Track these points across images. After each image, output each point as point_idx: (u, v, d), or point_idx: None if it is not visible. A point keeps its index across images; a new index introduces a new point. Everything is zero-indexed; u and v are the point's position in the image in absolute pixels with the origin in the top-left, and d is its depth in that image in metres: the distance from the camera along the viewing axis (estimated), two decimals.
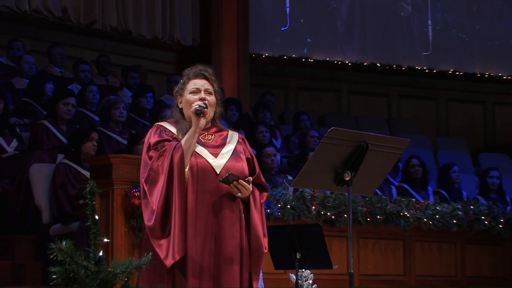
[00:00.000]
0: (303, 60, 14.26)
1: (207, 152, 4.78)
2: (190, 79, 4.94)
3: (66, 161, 8.10)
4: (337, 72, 14.51)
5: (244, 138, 5.07)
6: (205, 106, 4.75)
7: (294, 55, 14.23)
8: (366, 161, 4.76)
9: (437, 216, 9.10)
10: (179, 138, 4.80)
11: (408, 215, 8.88)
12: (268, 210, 7.80)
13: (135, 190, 7.18)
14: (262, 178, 4.90)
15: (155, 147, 4.76)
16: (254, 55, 13.76)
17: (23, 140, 9.05)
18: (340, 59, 14.52)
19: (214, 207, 4.71)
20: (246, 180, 4.66)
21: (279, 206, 7.98)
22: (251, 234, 4.81)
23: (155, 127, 4.89)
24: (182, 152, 4.67)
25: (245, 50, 13.46)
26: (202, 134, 4.87)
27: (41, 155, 8.55)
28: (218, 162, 4.77)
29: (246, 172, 4.81)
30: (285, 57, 14.17)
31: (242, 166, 4.82)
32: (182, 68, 13.12)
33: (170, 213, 4.64)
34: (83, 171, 8.01)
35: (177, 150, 4.67)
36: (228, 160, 4.79)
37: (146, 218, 4.65)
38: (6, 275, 7.71)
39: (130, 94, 11.30)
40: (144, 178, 4.70)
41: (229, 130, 5.02)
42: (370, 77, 14.70)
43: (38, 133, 8.95)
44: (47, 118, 9.16)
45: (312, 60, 14.31)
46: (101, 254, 3.17)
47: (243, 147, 4.94)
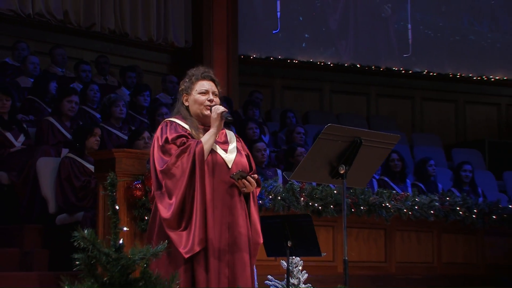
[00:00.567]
0: (288, 61, 14.27)
1: (219, 148, 4.81)
2: (198, 80, 4.97)
3: (71, 155, 8.09)
4: (319, 72, 14.53)
5: (238, 136, 5.11)
6: (227, 111, 4.83)
7: (279, 57, 14.23)
8: (359, 155, 4.78)
9: (416, 207, 9.11)
10: (192, 133, 4.81)
11: (389, 206, 8.89)
12: (260, 201, 7.80)
13: (137, 182, 7.19)
14: (256, 174, 4.95)
15: (174, 142, 4.75)
16: (242, 57, 13.77)
17: (30, 135, 9.03)
18: (322, 61, 14.51)
19: (227, 199, 4.74)
20: (252, 176, 4.70)
21: (270, 197, 7.98)
22: (251, 226, 4.85)
23: (168, 123, 4.89)
24: (203, 149, 4.69)
25: (234, 52, 13.48)
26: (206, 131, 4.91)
27: (47, 150, 8.54)
28: (229, 157, 4.81)
29: (248, 167, 4.87)
30: (271, 58, 14.17)
31: (245, 161, 4.87)
32: (175, 68, 13.29)
33: (187, 205, 4.64)
34: (87, 165, 8.01)
35: (199, 148, 4.70)
36: (235, 155, 4.83)
37: (162, 210, 4.62)
38: (15, 262, 7.70)
39: (127, 92, 11.30)
40: (162, 170, 4.67)
41: (225, 129, 5.05)
42: (350, 77, 14.73)
43: (43, 128, 8.93)
44: (52, 115, 9.15)
45: (296, 61, 14.32)
46: (121, 241, 3.16)
47: (242, 145, 4.99)
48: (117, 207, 3.20)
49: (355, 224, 8.80)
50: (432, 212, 9.25)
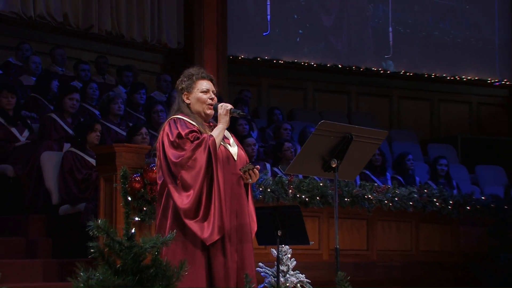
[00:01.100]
0: (274, 61, 14.26)
1: (224, 141, 4.86)
2: (198, 79, 4.99)
3: (73, 149, 8.08)
4: (304, 72, 14.53)
5: (231, 132, 5.15)
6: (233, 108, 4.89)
7: (266, 57, 14.22)
8: (350, 150, 4.81)
9: (396, 198, 9.15)
10: (200, 129, 4.83)
11: (371, 198, 8.93)
12: None
13: (136, 175, 7.18)
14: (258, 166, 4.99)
15: (187, 136, 4.76)
16: (231, 57, 13.73)
17: (34, 130, 9.02)
18: (306, 61, 14.51)
19: (235, 189, 4.80)
20: (256, 168, 4.74)
21: (261, 189, 8.00)
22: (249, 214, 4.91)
23: (175, 119, 4.89)
24: (216, 143, 4.73)
25: (223, 53, 13.47)
26: (211, 127, 4.94)
27: (50, 144, 8.51)
28: (234, 150, 4.85)
29: (247, 159, 4.92)
30: (258, 59, 14.16)
31: (244, 154, 4.93)
32: (168, 68, 13.26)
33: (203, 196, 4.66)
34: (88, 158, 7.99)
35: (212, 141, 4.73)
36: (237, 149, 4.88)
37: (180, 201, 4.64)
38: (20, 250, 7.70)
39: (124, 90, 11.27)
40: (178, 163, 4.68)
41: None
42: (332, 77, 14.74)
43: (46, 124, 8.91)
44: (55, 112, 9.14)
45: (282, 61, 14.31)
46: (133, 231, 3.15)
47: (235, 139, 5.04)
48: (129, 198, 3.19)
49: (340, 214, 8.77)
50: (411, 203, 9.29)
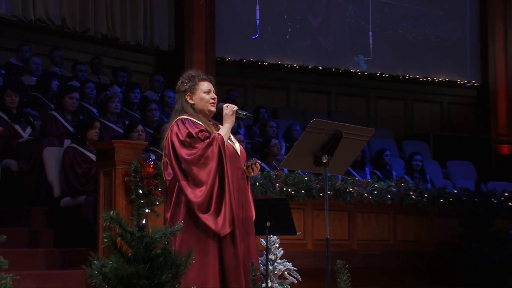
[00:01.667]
0: (259, 63, 14.25)
1: (229, 139, 4.89)
2: (200, 81, 5.00)
3: (73, 145, 8.07)
4: (286, 73, 14.52)
5: None
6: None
7: (252, 59, 14.21)
8: (340, 146, 4.82)
9: (375, 192, 9.18)
10: (207, 128, 4.85)
11: (352, 191, 8.95)
12: None
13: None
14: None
15: (197, 135, 4.77)
16: (219, 59, 13.72)
17: (36, 127, 9.00)
18: (289, 63, 14.52)
19: (240, 183, 4.84)
20: (258, 162, 4.78)
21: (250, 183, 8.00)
22: None
23: (183, 120, 4.90)
24: (224, 141, 4.76)
25: (212, 55, 13.49)
26: (214, 125, 4.96)
27: (51, 140, 8.51)
28: (237, 146, 4.87)
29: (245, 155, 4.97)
30: (244, 60, 14.14)
31: (244, 150, 4.95)
32: (160, 69, 13.25)
33: (215, 190, 4.68)
34: (88, 154, 7.99)
35: (221, 140, 4.76)
36: (238, 145, 4.92)
37: (193, 196, 4.66)
38: (24, 239, 7.70)
39: (119, 90, 11.23)
40: (190, 160, 4.69)
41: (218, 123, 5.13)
42: (313, 78, 14.74)
43: (48, 122, 8.89)
44: (55, 110, 9.13)
45: (266, 63, 14.30)
46: (144, 222, 3.16)
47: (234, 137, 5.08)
48: (140, 191, 3.19)
49: (323, 207, 8.79)
50: (389, 196, 9.32)
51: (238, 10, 14.11)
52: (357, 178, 9.23)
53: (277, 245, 7.15)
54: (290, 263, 7.12)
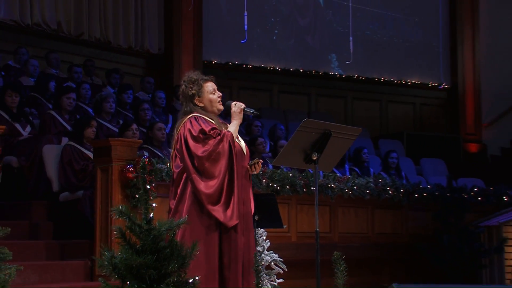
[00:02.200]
0: (244, 66, 14.26)
1: (236, 134, 4.91)
2: (204, 83, 5.00)
3: (71, 143, 8.06)
4: (269, 75, 14.53)
5: None
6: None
7: (236, 62, 14.21)
8: (329, 144, 4.83)
9: (355, 187, 9.21)
10: (218, 126, 4.85)
11: (333, 187, 8.98)
12: None
13: (129, 166, 7.15)
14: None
15: (210, 133, 4.78)
16: (206, 62, 13.72)
17: (35, 126, 8.97)
18: (272, 66, 14.54)
19: (244, 179, 4.81)
20: (260, 161, 4.79)
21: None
22: None
23: (196, 117, 4.88)
24: (234, 138, 4.77)
25: (199, 58, 13.49)
26: (223, 123, 4.97)
27: (50, 138, 8.48)
28: (243, 145, 4.87)
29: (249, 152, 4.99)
30: (230, 63, 14.14)
31: (247, 148, 4.97)
32: (150, 71, 13.19)
33: (225, 184, 4.67)
34: (85, 151, 7.98)
35: (231, 137, 4.77)
36: (243, 143, 4.92)
37: (203, 188, 4.63)
38: (25, 232, 7.69)
39: (112, 90, 11.19)
40: (203, 156, 4.69)
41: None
42: (294, 80, 14.77)
43: (46, 121, 8.86)
44: (54, 109, 9.09)
45: (250, 66, 14.32)
46: (151, 215, 3.16)
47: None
48: (148, 187, 3.19)
49: (306, 201, 8.86)
50: (367, 191, 9.36)
51: (224, 16, 14.11)
52: (337, 175, 9.25)
53: (264, 237, 7.15)
54: (277, 255, 7.12)
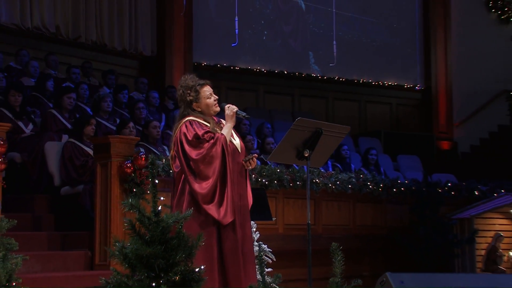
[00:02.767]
0: (231, 68, 14.25)
1: (231, 137, 4.87)
2: (200, 88, 4.98)
3: (72, 140, 8.04)
4: (255, 77, 14.53)
5: None
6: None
7: (225, 64, 14.20)
8: (320, 142, 4.85)
9: (338, 182, 9.26)
10: (213, 129, 4.84)
11: (318, 182, 9.02)
12: None
13: (127, 162, 7.16)
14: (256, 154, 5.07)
15: (203, 136, 4.77)
16: (196, 64, 13.69)
17: (37, 124, 8.93)
18: (258, 67, 14.54)
19: (239, 175, 4.80)
20: (254, 157, 4.78)
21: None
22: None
23: (191, 121, 4.88)
24: (227, 141, 4.75)
25: (189, 60, 13.47)
26: (219, 122, 4.96)
27: (51, 135, 8.46)
28: (237, 143, 4.86)
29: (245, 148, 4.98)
30: (218, 65, 14.13)
31: (243, 144, 4.96)
32: (143, 72, 13.14)
33: (218, 184, 4.68)
34: (85, 147, 7.96)
35: (224, 140, 4.76)
36: (239, 141, 4.90)
37: (199, 189, 4.64)
38: (28, 224, 7.65)
39: (108, 90, 11.15)
40: (197, 159, 4.69)
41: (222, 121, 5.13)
42: (279, 81, 14.78)
43: (48, 119, 8.83)
44: (54, 108, 9.05)
45: (238, 68, 14.31)
46: (159, 208, 3.16)
47: (235, 131, 5.05)
48: (156, 181, 3.20)
49: (293, 195, 8.90)
50: (350, 186, 9.41)
51: (213, 21, 14.10)
52: (321, 170, 9.28)
53: (254, 229, 7.15)
54: (266, 245, 7.14)
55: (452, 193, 10.66)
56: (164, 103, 11.48)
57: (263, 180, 8.39)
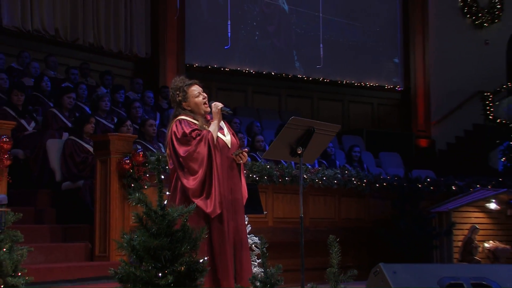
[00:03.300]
0: (222, 69, 14.23)
1: (220, 134, 4.86)
2: (188, 88, 4.95)
3: (72, 137, 8.02)
4: (244, 78, 14.53)
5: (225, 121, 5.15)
6: (224, 105, 4.88)
7: (215, 65, 14.18)
8: (312, 140, 4.86)
9: (324, 178, 9.29)
10: (201, 126, 4.82)
11: (306, 177, 9.04)
12: None
13: (126, 158, 7.16)
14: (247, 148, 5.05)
15: (190, 134, 4.76)
16: (188, 65, 13.67)
17: (38, 122, 8.89)
18: (247, 69, 14.53)
19: (230, 170, 4.80)
20: (244, 151, 4.78)
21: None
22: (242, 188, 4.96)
23: (180, 120, 4.86)
24: (213, 137, 4.73)
25: (182, 61, 13.45)
26: (209, 122, 4.95)
27: (52, 133, 8.44)
28: (227, 139, 4.85)
29: (238, 144, 4.96)
30: (209, 66, 14.12)
31: (235, 140, 4.95)
32: (138, 73, 13.11)
33: (206, 179, 4.67)
34: (85, 145, 7.95)
35: (210, 136, 4.73)
36: (230, 137, 4.89)
37: (188, 183, 4.64)
38: (31, 217, 7.65)
39: (105, 90, 11.12)
40: (185, 156, 4.68)
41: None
42: (267, 82, 14.79)
43: (49, 117, 8.80)
44: (55, 107, 9.03)
45: (227, 69, 14.30)
46: (165, 202, 3.17)
47: (228, 126, 5.04)
48: (162, 177, 3.20)
49: (282, 190, 8.92)
50: (335, 181, 9.44)
51: (205, 23, 14.08)
52: (308, 167, 9.31)
53: (246, 222, 7.16)
54: (257, 238, 7.15)
55: (431, 188, 10.72)
56: (158, 103, 11.47)
57: (254, 175, 8.41)
